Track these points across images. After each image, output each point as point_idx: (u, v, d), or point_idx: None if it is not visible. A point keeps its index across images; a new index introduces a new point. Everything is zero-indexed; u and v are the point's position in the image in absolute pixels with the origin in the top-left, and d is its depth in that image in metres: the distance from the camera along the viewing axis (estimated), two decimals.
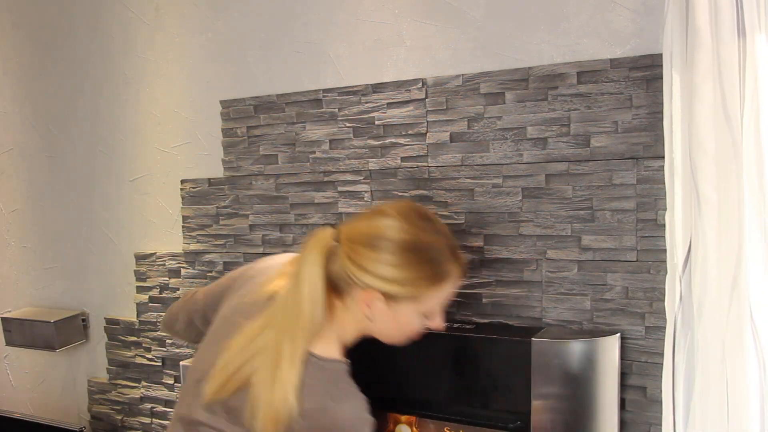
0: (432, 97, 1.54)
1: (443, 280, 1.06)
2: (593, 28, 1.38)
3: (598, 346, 1.31)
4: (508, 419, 1.36)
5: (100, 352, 2.18)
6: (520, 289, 1.46)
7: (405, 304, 1.05)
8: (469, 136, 1.50)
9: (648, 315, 1.34)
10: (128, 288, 2.10)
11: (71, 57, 2.16)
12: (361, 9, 1.64)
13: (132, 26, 2.02)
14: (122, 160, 2.08)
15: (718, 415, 1.13)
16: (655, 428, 1.33)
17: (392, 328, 1.09)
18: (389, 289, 1.03)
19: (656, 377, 1.32)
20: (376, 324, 1.08)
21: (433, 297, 1.07)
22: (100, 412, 2.18)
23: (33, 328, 2.17)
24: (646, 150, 1.33)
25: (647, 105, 1.32)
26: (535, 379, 1.30)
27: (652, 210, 1.33)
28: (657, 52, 1.30)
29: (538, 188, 1.43)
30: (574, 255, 1.40)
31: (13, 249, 2.38)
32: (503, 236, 1.47)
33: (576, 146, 1.39)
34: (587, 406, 1.30)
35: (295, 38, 1.74)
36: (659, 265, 1.32)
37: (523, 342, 1.31)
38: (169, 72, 1.97)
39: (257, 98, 1.78)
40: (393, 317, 1.06)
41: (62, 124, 2.20)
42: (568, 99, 1.39)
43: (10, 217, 2.37)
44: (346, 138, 1.65)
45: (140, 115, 2.03)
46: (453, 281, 1.08)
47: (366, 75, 1.64)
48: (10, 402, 2.43)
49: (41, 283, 2.32)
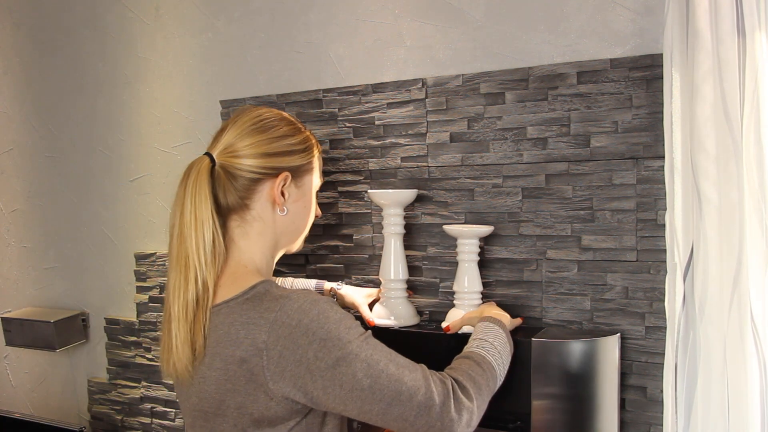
0: (432, 97, 1.54)
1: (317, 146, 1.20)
2: (593, 28, 1.38)
3: (598, 346, 1.31)
4: (508, 419, 1.36)
5: (100, 352, 2.18)
6: (520, 289, 1.46)
7: (307, 177, 1.16)
8: (469, 136, 1.50)
9: (648, 315, 1.34)
10: (128, 288, 2.10)
11: (71, 57, 2.16)
12: (361, 9, 1.64)
13: (132, 26, 2.02)
14: (122, 160, 2.08)
15: (719, 415, 1.13)
16: (655, 428, 1.33)
17: (302, 211, 1.16)
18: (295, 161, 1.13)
19: (656, 377, 1.32)
20: (288, 215, 1.13)
21: (317, 165, 1.19)
22: (100, 412, 2.18)
23: (33, 328, 2.17)
24: (646, 150, 1.33)
25: (647, 105, 1.32)
26: (535, 379, 1.30)
27: (652, 210, 1.33)
28: (657, 52, 1.30)
29: (538, 188, 1.43)
30: (574, 255, 1.40)
31: (13, 249, 2.38)
32: (503, 236, 1.47)
33: (576, 146, 1.39)
34: (587, 406, 1.30)
35: (295, 38, 1.74)
36: (659, 265, 1.32)
37: (523, 342, 1.31)
38: (169, 72, 1.97)
39: (257, 98, 1.78)
40: (302, 197, 1.15)
41: (62, 124, 2.20)
42: (568, 99, 1.39)
43: (10, 217, 2.37)
44: (346, 138, 1.65)
45: (140, 115, 2.04)
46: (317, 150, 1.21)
47: (366, 75, 1.64)
48: (10, 402, 2.43)
49: (41, 283, 2.32)
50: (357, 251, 1.66)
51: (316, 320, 0.97)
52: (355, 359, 0.96)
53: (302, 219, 1.17)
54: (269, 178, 1.10)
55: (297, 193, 1.14)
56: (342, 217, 1.67)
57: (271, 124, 1.12)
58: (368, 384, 0.96)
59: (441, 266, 1.55)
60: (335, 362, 0.96)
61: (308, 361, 0.96)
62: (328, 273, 1.70)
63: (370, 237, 1.64)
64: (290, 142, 1.13)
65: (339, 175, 1.67)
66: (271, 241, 1.13)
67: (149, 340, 2.05)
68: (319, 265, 1.71)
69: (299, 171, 1.14)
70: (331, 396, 0.97)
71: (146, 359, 2.06)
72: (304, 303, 0.98)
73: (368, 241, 1.65)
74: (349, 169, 1.66)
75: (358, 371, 0.96)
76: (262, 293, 1.02)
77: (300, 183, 1.15)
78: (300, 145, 1.15)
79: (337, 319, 0.98)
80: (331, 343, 0.96)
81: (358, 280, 1.66)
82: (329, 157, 1.67)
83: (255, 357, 0.97)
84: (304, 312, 0.97)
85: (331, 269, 1.70)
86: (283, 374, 0.97)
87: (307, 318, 0.97)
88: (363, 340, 0.99)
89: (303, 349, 0.96)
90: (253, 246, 1.11)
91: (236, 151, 1.08)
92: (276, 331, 0.97)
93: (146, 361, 2.06)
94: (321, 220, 1.69)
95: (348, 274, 1.68)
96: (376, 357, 0.98)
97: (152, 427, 2.07)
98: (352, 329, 0.99)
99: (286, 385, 0.97)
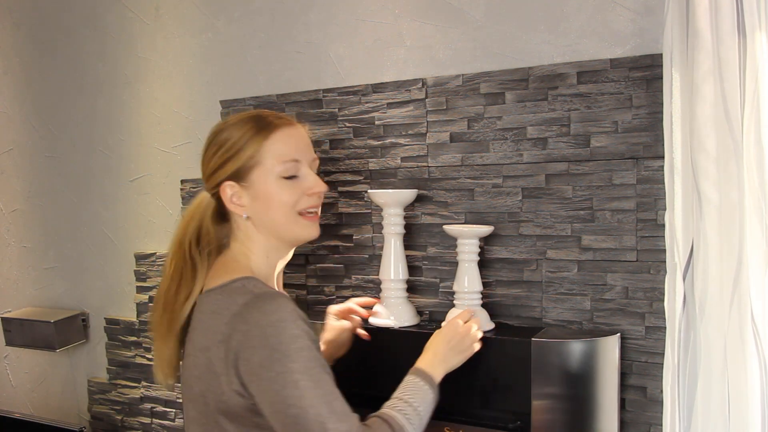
0: (432, 97, 1.54)
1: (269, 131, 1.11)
2: (593, 28, 1.38)
3: (598, 346, 1.31)
4: (508, 419, 1.36)
5: (100, 352, 2.18)
6: (520, 289, 1.46)
7: (253, 172, 1.10)
8: (469, 136, 1.50)
9: (648, 315, 1.34)
10: (128, 288, 2.10)
11: (71, 57, 2.16)
12: (361, 9, 1.64)
13: (132, 26, 2.02)
14: (122, 160, 2.08)
15: (719, 415, 1.13)
16: (655, 428, 1.33)
17: (264, 207, 1.12)
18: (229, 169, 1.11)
19: (656, 377, 1.32)
20: (254, 218, 1.12)
21: (269, 151, 1.10)
22: (100, 412, 2.18)
23: (33, 328, 2.17)
24: (646, 150, 1.33)
25: (647, 105, 1.32)
26: (535, 379, 1.30)
27: (652, 210, 1.33)
28: (657, 52, 1.30)
29: (538, 188, 1.43)
30: (574, 255, 1.40)
31: (13, 249, 2.38)
32: (503, 236, 1.47)
33: (576, 146, 1.39)
34: (587, 406, 1.30)
35: (295, 38, 1.74)
36: (659, 265, 1.32)
37: (523, 342, 1.31)
38: (169, 72, 1.97)
39: (257, 98, 1.78)
40: (256, 195, 1.11)
41: (62, 124, 2.20)
42: (568, 99, 1.39)
43: (10, 217, 2.37)
44: (346, 138, 1.65)
45: (140, 115, 2.03)
46: (282, 131, 1.12)
47: (366, 75, 1.64)
48: (10, 402, 2.43)
49: (41, 283, 2.32)
50: (357, 251, 1.66)
51: (273, 327, 0.97)
52: (292, 385, 0.96)
53: (272, 212, 1.12)
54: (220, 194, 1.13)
55: (248, 195, 1.12)
56: (342, 217, 1.67)
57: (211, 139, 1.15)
58: (293, 414, 0.95)
59: (441, 266, 1.55)
60: (275, 376, 0.96)
61: (253, 364, 0.97)
62: (328, 273, 1.70)
63: (370, 237, 1.64)
64: (223, 150, 1.11)
65: (339, 175, 1.67)
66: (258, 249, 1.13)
67: (149, 340, 2.04)
68: (319, 265, 1.71)
69: (239, 174, 1.11)
70: (262, 405, 0.98)
71: (146, 359, 2.06)
72: (269, 306, 0.98)
73: (368, 241, 1.65)
74: (349, 169, 1.65)
75: (290, 397, 0.96)
76: (238, 287, 1.04)
77: (247, 183, 1.11)
78: (233, 147, 1.11)
79: (293, 335, 0.97)
80: (278, 356, 0.96)
81: (358, 280, 1.66)
82: (329, 157, 1.67)
83: (214, 347, 1.00)
84: (265, 314, 0.98)
85: (331, 269, 1.70)
86: (236, 368, 0.98)
87: (265, 321, 0.97)
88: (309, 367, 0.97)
89: (253, 350, 0.97)
90: (248, 246, 1.14)
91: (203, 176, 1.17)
92: (235, 325, 0.99)
93: (146, 361, 2.06)
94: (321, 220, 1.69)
95: (348, 274, 1.68)
96: (311, 393, 0.96)
97: (152, 427, 2.07)
98: (303, 351, 0.97)
99: (235, 379, 0.99)
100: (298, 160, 1.13)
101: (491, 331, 1.40)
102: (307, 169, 1.15)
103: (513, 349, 1.33)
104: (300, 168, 1.14)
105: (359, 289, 1.66)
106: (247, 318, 0.98)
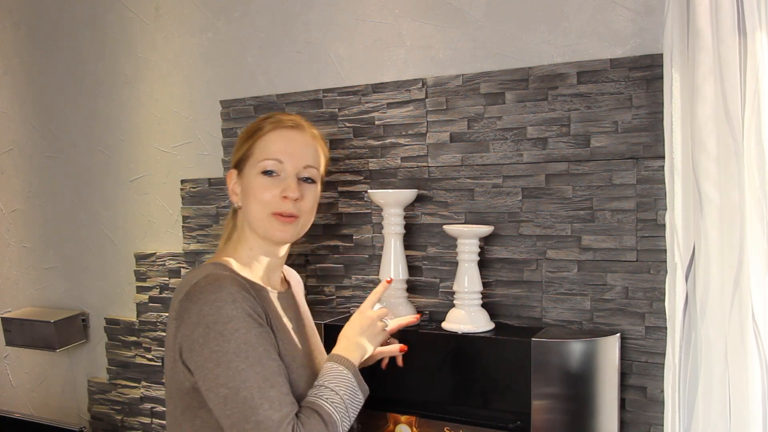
0: (432, 97, 1.53)
1: (271, 128, 1.17)
2: (593, 28, 1.38)
3: (598, 346, 1.31)
4: (508, 419, 1.36)
5: (100, 352, 2.18)
6: (520, 289, 1.46)
7: (246, 165, 1.16)
8: (469, 136, 1.50)
9: (648, 315, 1.34)
10: (128, 288, 2.10)
11: (71, 57, 2.16)
12: (361, 9, 1.64)
13: (132, 26, 2.02)
14: (122, 160, 2.08)
15: (720, 415, 1.13)
16: (655, 428, 1.33)
17: (247, 198, 1.15)
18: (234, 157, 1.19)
19: (656, 377, 1.32)
20: (243, 208, 1.16)
21: (259, 146, 1.16)
22: (100, 412, 2.18)
23: (33, 328, 2.17)
24: (646, 150, 1.32)
25: (647, 105, 1.32)
26: (535, 379, 1.30)
27: (652, 210, 1.33)
28: (657, 52, 1.30)
29: (538, 188, 1.43)
30: (574, 255, 1.40)
31: (13, 249, 2.38)
32: (503, 236, 1.47)
33: (576, 146, 1.39)
34: (587, 406, 1.30)
35: (295, 38, 1.74)
36: (659, 265, 1.32)
37: (523, 342, 1.31)
38: (169, 72, 1.96)
39: (257, 98, 1.78)
40: (244, 186, 1.16)
41: (62, 124, 2.20)
42: (568, 99, 1.39)
43: (10, 217, 2.37)
44: (346, 138, 1.65)
45: (140, 115, 2.03)
46: (280, 132, 1.17)
47: (366, 75, 1.64)
48: (10, 402, 2.43)
49: (41, 283, 2.32)
50: (357, 251, 1.66)
51: (209, 305, 0.99)
52: (225, 364, 0.97)
53: (247, 206, 1.15)
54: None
55: (242, 184, 1.17)
56: (342, 217, 1.67)
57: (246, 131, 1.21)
58: (223, 394, 0.97)
59: (441, 266, 1.55)
60: (209, 354, 0.98)
61: (192, 341, 1.00)
62: (328, 273, 1.70)
63: (370, 237, 1.64)
64: (236, 142, 1.20)
65: (339, 175, 1.67)
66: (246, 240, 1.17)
67: (149, 340, 2.05)
68: (319, 265, 1.71)
69: (239, 164, 1.18)
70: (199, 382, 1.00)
71: (146, 359, 2.06)
72: (211, 286, 1.01)
73: (368, 241, 1.65)
74: (349, 169, 1.65)
75: (221, 377, 0.97)
76: (202, 269, 1.08)
77: (242, 174, 1.17)
78: (239, 140, 1.19)
79: (229, 316, 0.99)
80: (213, 334, 0.98)
81: (358, 280, 1.66)
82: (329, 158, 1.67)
83: (170, 324, 1.05)
84: (205, 293, 1.00)
85: (331, 269, 1.70)
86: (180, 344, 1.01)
87: (203, 299, 1.00)
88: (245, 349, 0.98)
89: (192, 326, 1.00)
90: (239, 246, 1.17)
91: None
92: (182, 302, 1.02)
93: (146, 361, 2.06)
94: (321, 220, 1.69)
95: (348, 274, 1.68)
96: (243, 375, 0.97)
97: (152, 427, 2.07)
98: (239, 332, 0.98)
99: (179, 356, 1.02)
100: (281, 160, 1.14)
101: (491, 331, 1.40)
102: (290, 173, 1.15)
103: (513, 349, 1.33)
104: (283, 169, 1.14)
105: (359, 289, 1.66)
106: (191, 296, 1.01)
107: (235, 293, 1.01)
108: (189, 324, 1.00)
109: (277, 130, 1.16)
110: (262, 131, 1.16)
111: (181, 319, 1.02)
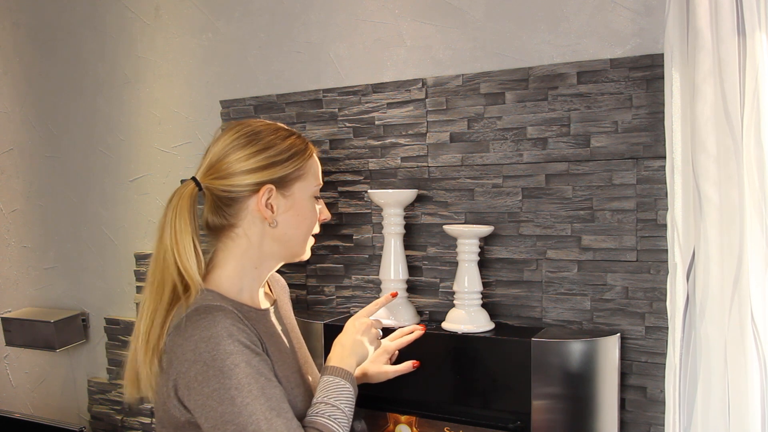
0: (432, 97, 1.54)
1: (311, 150, 1.14)
2: (593, 28, 1.38)
3: (598, 346, 1.31)
4: (508, 419, 1.36)
5: (100, 352, 2.18)
6: (520, 289, 1.46)
7: (296, 184, 1.11)
8: (469, 136, 1.50)
9: (648, 315, 1.34)
10: (128, 288, 2.10)
11: (71, 57, 2.16)
12: (361, 9, 1.64)
13: (132, 26, 2.02)
14: (122, 160, 2.08)
15: (720, 415, 1.13)
16: (655, 428, 1.33)
17: (296, 220, 1.11)
18: (275, 173, 1.08)
19: (656, 377, 1.32)
20: (279, 227, 1.10)
21: (311, 168, 1.13)
22: (100, 412, 2.18)
23: (33, 328, 2.17)
24: (646, 150, 1.33)
25: (647, 105, 1.32)
26: (535, 379, 1.30)
27: (652, 210, 1.33)
28: (657, 52, 1.30)
29: (538, 188, 1.43)
30: (574, 255, 1.40)
31: (13, 249, 2.38)
32: (503, 236, 1.47)
33: (576, 146, 1.39)
34: (587, 406, 1.30)
35: (295, 38, 1.74)
36: (659, 265, 1.32)
37: (523, 342, 1.31)
38: (169, 72, 1.97)
39: (257, 98, 1.78)
40: (292, 206, 1.11)
41: (62, 124, 2.20)
42: (568, 99, 1.39)
43: (10, 217, 2.37)
44: (346, 138, 1.65)
45: (140, 115, 2.04)
46: (314, 154, 1.15)
47: (366, 75, 1.64)
48: (10, 402, 2.43)
49: (41, 283, 2.32)
50: (357, 251, 1.66)
51: (205, 342, 0.97)
52: (228, 401, 0.95)
53: (295, 228, 1.12)
54: (251, 194, 1.09)
55: (286, 204, 1.10)
56: (342, 217, 1.67)
57: (248, 140, 1.09)
58: (231, 431, 0.95)
59: (441, 266, 1.55)
60: (211, 392, 0.96)
61: (189, 378, 0.97)
62: (328, 273, 1.70)
63: (370, 237, 1.64)
64: (269, 154, 1.09)
65: (339, 175, 1.67)
66: (256, 259, 1.12)
67: None
68: (319, 265, 1.71)
69: (284, 181, 1.10)
70: (200, 420, 0.98)
71: None
72: (204, 321, 0.98)
73: (368, 241, 1.65)
74: (349, 169, 1.65)
75: (227, 414, 0.95)
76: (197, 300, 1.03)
77: (288, 192, 1.10)
78: (282, 155, 1.10)
79: (226, 351, 0.97)
80: (212, 372, 0.96)
81: (357, 280, 1.66)
82: (329, 157, 1.67)
83: (163, 356, 1.01)
84: (199, 329, 0.98)
85: (331, 269, 1.70)
86: (175, 380, 0.99)
87: (198, 335, 0.97)
88: (246, 383, 0.97)
89: (188, 364, 0.97)
90: (234, 265, 1.11)
91: (216, 172, 1.09)
92: (173, 338, 1.00)
93: None
94: None
95: (348, 274, 1.68)
96: (249, 410, 0.96)
97: (152, 427, 2.07)
98: (238, 367, 0.97)
99: (173, 392, 0.99)
100: (321, 184, 1.17)
101: (491, 331, 1.40)
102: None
103: (513, 349, 1.33)
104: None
105: (359, 289, 1.66)
106: (183, 332, 0.99)
107: (230, 326, 0.99)
108: (184, 361, 0.97)
109: (314, 153, 1.16)
110: (307, 152, 1.13)
111: (173, 354, 0.99)
